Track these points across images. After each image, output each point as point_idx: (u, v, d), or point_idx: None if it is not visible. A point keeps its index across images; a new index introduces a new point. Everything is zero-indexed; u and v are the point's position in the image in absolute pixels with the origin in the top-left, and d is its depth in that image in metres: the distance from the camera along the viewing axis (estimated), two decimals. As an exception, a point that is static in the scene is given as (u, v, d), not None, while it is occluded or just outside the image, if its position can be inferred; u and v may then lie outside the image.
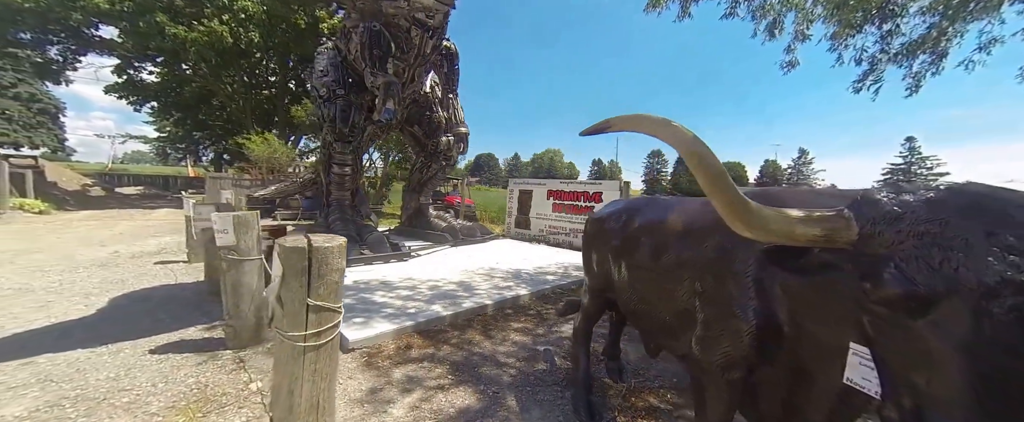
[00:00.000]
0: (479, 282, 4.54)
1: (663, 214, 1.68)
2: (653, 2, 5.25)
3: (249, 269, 2.83)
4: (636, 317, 1.84)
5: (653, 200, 2.00)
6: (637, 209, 1.91)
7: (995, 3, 4.14)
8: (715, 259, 1.29)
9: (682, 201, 1.78)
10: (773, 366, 1.15)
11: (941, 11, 4.33)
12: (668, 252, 1.53)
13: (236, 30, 12.87)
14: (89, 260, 5.58)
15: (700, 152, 0.85)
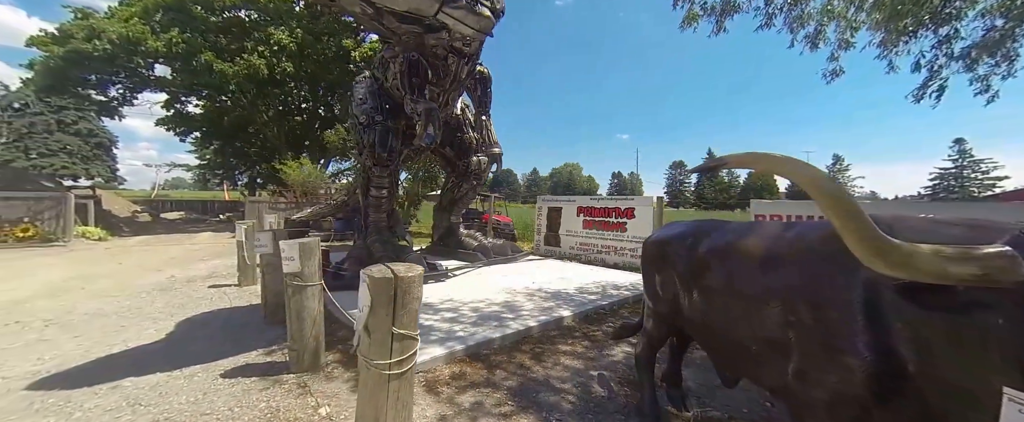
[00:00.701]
0: (520, 302, 4.54)
1: (738, 238, 1.65)
2: (688, 19, 5.30)
3: (312, 294, 2.95)
4: (713, 346, 1.80)
5: (719, 223, 1.98)
6: (704, 232, 1.89)
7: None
8: (811, 287, 1.26)
9: (757, 224, 1.75)
10: (891, 408, 1.09)
11: (1005, 13, 4.17)
12: (751, 278, 1.50)
13: (271, 62, 13.77)
14: (150, 285, 5.94)
15: (831, 190, 0.86)
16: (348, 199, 10.54)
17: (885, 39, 4.95)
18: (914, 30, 4.63)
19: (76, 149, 31.13)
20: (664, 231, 2.22)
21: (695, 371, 2.93)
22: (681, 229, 2.06)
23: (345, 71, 16.54)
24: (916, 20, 4.46)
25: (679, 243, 1.95)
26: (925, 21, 4.46)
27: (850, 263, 1.12)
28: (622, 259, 7.55)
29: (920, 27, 4.56)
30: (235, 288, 5.73)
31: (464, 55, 5.17)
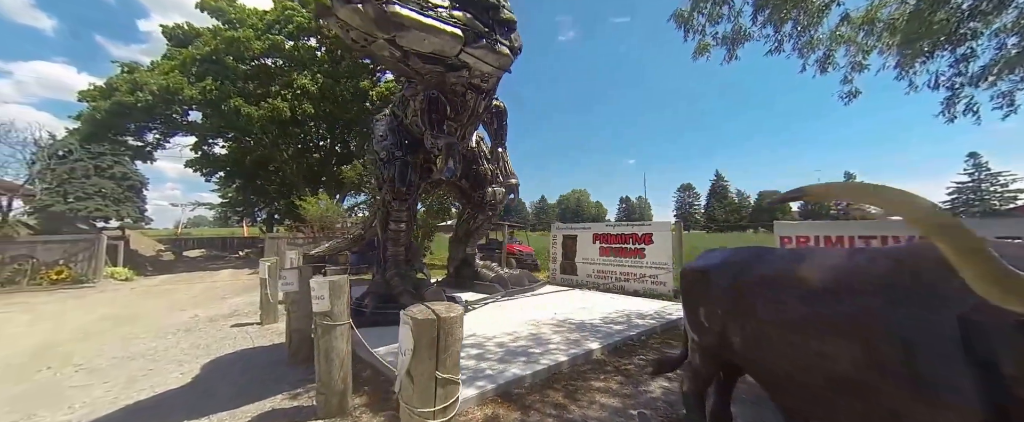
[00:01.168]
0: (546, 335, 4.40)
1: (795, 266, 1.58)
2: (700, 50, 5.44)
3: (340, 334, 2.92)
4: (774, 384, 1.68)
5: (763, 250, 1.92)
6: (752, 260, 1.82)
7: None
8: (898, 322, 1.16)
9: (811, 251, 1.68)
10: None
11: (1019, 32, 4.18)
12: (817, 312, 1.41)
13: (293, 104, 14.53)
14: (174, 325, 5.99)
15: (945, 222, 0.81)
16: (364, 232, 10.67)
17: (901, 61, 4.97)
18: (930, 51, 4.65)
19: (110, 192, 32.75)
20: (705, 259, 2.14)
21: (743, 407, 2.74)
22: (724, 257, 1.99)
23: (362, 109, 17.32)
24: (933, 42, 4.49)
25: (724, 272, 1.88)
26: (941, 42, 4.48)
27: (947, 296, 1.05)
28: (642, 286, 7.35)
29: (937, 48, 4.58)
30: (257, 327, 5.73)
31: (482, 91, 5.36)
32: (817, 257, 1.57)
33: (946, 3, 4.47)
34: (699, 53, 5.64)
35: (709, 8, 5.22)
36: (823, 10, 5.14)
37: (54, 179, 18.42)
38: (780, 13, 5.10)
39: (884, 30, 4.93)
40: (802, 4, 5.03)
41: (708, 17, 5.31)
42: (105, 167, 33.48)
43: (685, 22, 5.40)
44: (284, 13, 15.54)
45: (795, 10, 5.11)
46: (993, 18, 4.50)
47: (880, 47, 5.00)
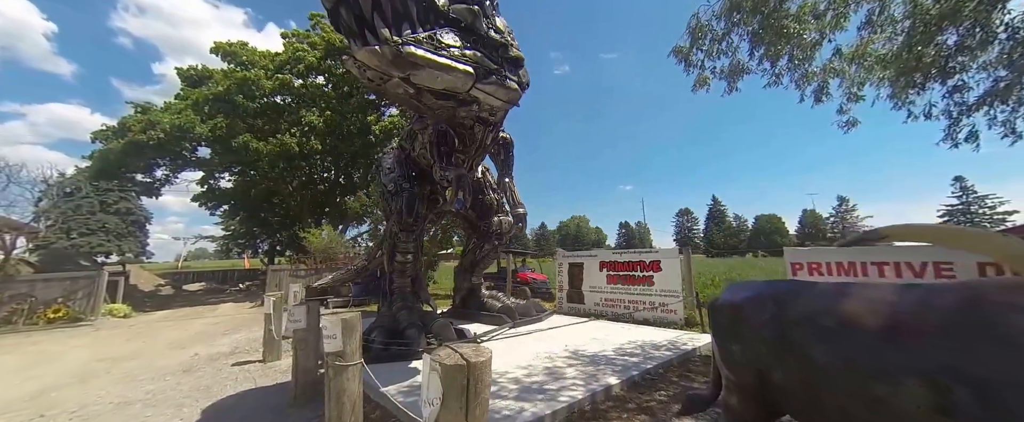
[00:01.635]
0: (560, 369, 4.25)
1: (842, 303, 1.53)
2: (699, 83, 5.65)
3: (352, 375, 2.82)
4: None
5: (802, 284, 1.87)
6: (791, 294, 1.77)
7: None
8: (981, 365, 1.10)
9: (859, 286, 1.63)
10: None
11: (1007, 65, 4.37)
12: (877, 352, 1.34)
13: (301, 140, 14.91)
14: (174, 365, 5.80)
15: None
16: (368, 264, 10.59)
17: (895, 92, 5.14)
18: (923, 83, 4.82)
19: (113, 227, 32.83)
20: (738, 293, 2.08)
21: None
22: (759, 291, 1.94)
23: (366, 143, 17.71)
24: (924, 74, 4.67)
25: (762, 307, 1.82)
26: (933, 75, 4.66)
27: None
28: (652, 314, 7.18)
29: (929, 80, 4.76)
30: (259, 365, 5.55)
31: (489, 124, 5.49)
32: (866, 292, 1.52)
33: (933, 41, 4.69)
34: (699, 86, 5.84)
35: (707, 45, 5.46)
36: (815, 46, 5.38)
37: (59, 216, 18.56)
38: (774, 49, 5.33)
39: (876, 64, 5.14)
40: (795, 40, 5.28)
41: (706, 53, 5.54)
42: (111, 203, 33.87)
43: (685, 57, 5.64)
44: (295, 54, 16.28)
45: (788, 46, 5.36)
46: (979, 53, 4.71)
47: (872, 79, 5.19)
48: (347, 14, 3.39)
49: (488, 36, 4.27)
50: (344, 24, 3.48)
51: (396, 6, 3.51)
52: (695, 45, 5.57)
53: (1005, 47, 4.66)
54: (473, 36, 4.15)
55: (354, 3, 3.35)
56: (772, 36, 5.30)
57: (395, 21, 3.51)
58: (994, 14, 4.51)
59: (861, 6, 5.13)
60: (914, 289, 1.46)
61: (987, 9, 4.39)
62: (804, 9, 5.26)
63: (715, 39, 5.42)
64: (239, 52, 16.07)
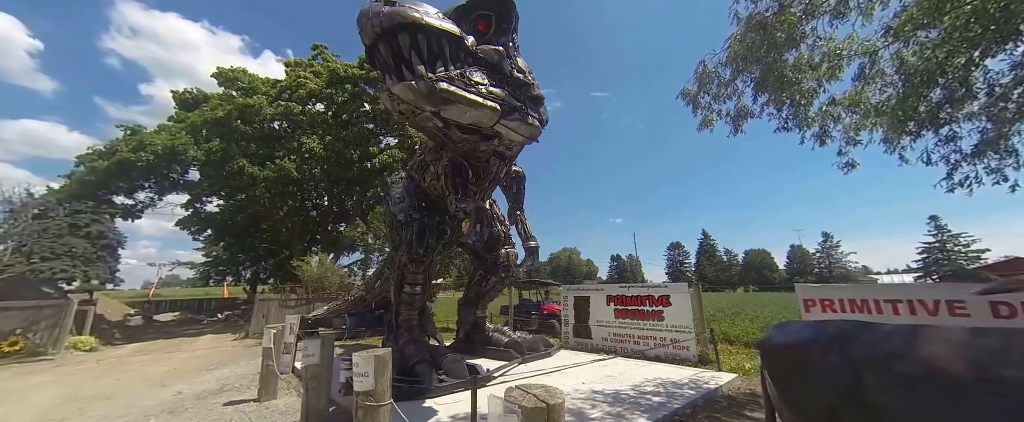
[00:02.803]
0: (584, 409, 4.07)
1: (916, 346, 1.53)
2: (705, 123, 5.93)
3: (384, 415, 2.64)
4: None
5: (863, 325, 1.86)
6: (856, 337, 1.76)
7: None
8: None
9: (931, 330, 1.62)
10: None
11: (990, 117, 4.75)
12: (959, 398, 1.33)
13: (301, 166, 14.81)
14: (156, 405, 5.33)
15: None
16: (366, 294, 10.23)
17: (888, 138, 5.50)
18: (917, 131, 5.18)
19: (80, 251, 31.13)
20: (793, 334, 2.05)
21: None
22: (818, 332, 1.93)
23: (364, 171, 17.69)
24: (918, 125, 5.04)
25: (825, 350, 1.80)
26: (925, 123, 5.03)
27: None
28: (664, 351, 7.04)
29: (922, 129, 5.12)
30: (255, 405, 5.14)
31: (506, 158, 5.59)
32: (941, 336, 1.53)
33: (921, 95, 5.09)
34: (704, 126, 6.13)
35: (714, 89, 5.80)
36: (813, 93, 5.77)
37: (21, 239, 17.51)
38: (777, 96, 5.69)
39: (870, 112, 5.52)
40: (795, 88, 5.66)
41: (713, 96, 5.88)
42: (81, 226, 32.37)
43: (692, 99, 5.96)
44: (296, 80, 16.55)
45: (787, 93, 5.73)
46: (963, 106, 5.12)
47: (868, 126, 5.56)
48: (385, 50, 3.51)
49: (512, 75, 4.45)
50: (381, 59, 3.59)
51: (432, 45, 3.65)
52: (702, 89, 5.92)
53: (985, 102, 5.08)
54: (499, 75, 4.32)
55: (393, 41, 3.48)
56: (774, 84, 5.69)
57: (429, 59, 3.63)
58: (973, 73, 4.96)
59: (853, 60, 5.59)
60: (989, 333, 1.48)
61: (967, 67, 4.83)
62: (800, 60, 5.69)
63: (722, 84, 5.78)
64: (240, 77, 16.25)
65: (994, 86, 4.99)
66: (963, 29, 4.52)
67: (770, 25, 5.49)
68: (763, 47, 5.56)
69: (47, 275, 27.84)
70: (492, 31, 4.47)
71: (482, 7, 4.35)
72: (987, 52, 4.70)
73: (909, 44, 5.19)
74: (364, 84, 16.76)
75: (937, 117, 4.93)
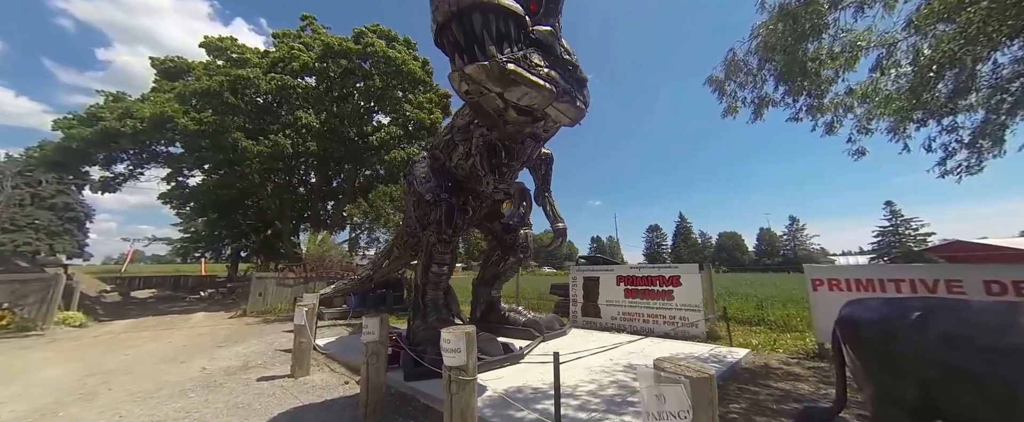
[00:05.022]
0: (627, 383, 4.34)
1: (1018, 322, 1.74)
2: (730, 110, 6.11)
3: (472, 391, 2.77)
4: None
5: (955, 301, 2.04)
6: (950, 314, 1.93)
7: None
8: None
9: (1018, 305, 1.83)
10: None
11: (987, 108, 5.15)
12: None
13: (296, 140, 14.24)
14: (186, 381, 5.29)
15: None
16: (373, 273, 10.20)
17: (894, 126, 5.85)
18: (923, 120, 5.54)
19: (45, 223, 29.13)
20: (876, 311, 2.21)
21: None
22: (904, 307, 2.10)
23: (358, 147, 17.19)
24: (925, 113, 5.39)
25: (916, 327, 1.99)
26: (930, 113, 5.39)
27: None
28: (672, 328, 7.46)
29: (928, 118, 5.48)
30: (290, 380, 5.18)
31: (541, 139, 5.62)
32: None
33: (931, 86, 5.41)
34: (729, 113, 6.32)
35: (741, 77, 5.96)
36: (830, 82, 6.02)
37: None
38: (797, 85, 5.91)
39: (882, 102, 5.83)
40: (813, 77, 5.88)
41: (739, 84, 6.03)
42: (45, 197, 30.19)
43: (719, 86, 6.10)
44: (289, 52, 15.65)
45: (807, 82, 5.96)
46: (969, 96, 5.49)
47: (878, 114, 5.88)
48: (458, 30, 3.43)
49: (562, 57, 4.44)
50: (451, 39, 3.51)
51: (500, 26, 3.60)
52: (730, 77, 6.06)
53: (986, 93, 5.47)
54: (551, 56, 4.30)
55: (467, 20, 3.40)
56: (796, 73, 5.89)
57: (497, 40, 3.58)
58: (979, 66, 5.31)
59: (871, 51, 5.84)
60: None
61: (976, 60, 5.16)
62: (821, 49, 5.90)
63: (750, 73, 5.93)
64: (231, 48, 15.22)
65: (998, 79, 5.37)
66: (982, 24, 4.79)
67: (799, 15, 5.64)
68: (789, 36, 5.72)
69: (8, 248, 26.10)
70: (542, 11, 4.41)
71: (535, -15, 4.26)
72: (998, 45, 5.04)
73: (927, 37, 5.47)
74: (359, 59, 16.03)
75: (943, 107, 5.29)
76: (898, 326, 2.08)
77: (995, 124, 5.43)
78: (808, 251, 68.26)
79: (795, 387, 4.41)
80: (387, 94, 16.42)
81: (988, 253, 21.73)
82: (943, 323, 1.95)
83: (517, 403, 3.73)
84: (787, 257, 66.89)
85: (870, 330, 2.20)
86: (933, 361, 1.90)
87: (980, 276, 4.77)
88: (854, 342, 2.29)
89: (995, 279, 4.68)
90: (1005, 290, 4.58)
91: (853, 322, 2.32)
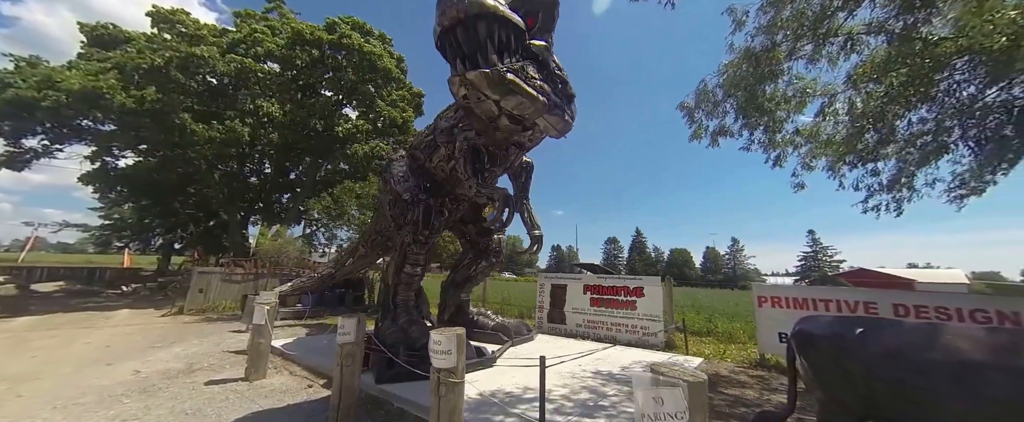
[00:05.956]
0: (598, 388, 4.52)
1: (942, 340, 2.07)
2: (695, 134, 6.69)
3: (460, 393, 2.78)
4: None
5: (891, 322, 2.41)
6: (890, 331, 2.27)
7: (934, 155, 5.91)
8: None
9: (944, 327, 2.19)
10: None
11: (900, 159, 6.08)
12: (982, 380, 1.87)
13: (256, 131, 13.23)
14: (116, 385, 4.73)
15: None
16: (335, 272, 9.73)
17: (832, 166, 6.69)
18: (854, 163, 6.39)
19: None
20: (828, 327, 2.53)
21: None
22: (851, 324, 2.44)
23: (323, 139, 16.30)
24: (854, 157, 6.24)
25: (862, 340, 2.29)
26: (861, 158, 6.24)
27: None
28: (634, 336, 7.85)
29: (857, 162, 6.34)
30: (244, 384, 4.81)
31: (525, 148, 5.77)
32: (964, 333, 2.11)
33: (861, 135, 6.28)
34: (694, 137, 6.89)
35: (708, 107, 6.54)
36: (781, 122, 6.77)
37: None
38: (753, 120, 6.60)
39: (823, 143, 6.66)
40: (769, 114, 6.60)
41: (706, 113, 6.61)
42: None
43: (689, 112, 6.65)
44: (251, 35, 14.61)
45: (763, 118, 6.67)
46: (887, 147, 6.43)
47: (819, 155, 6.70)
48: (463, 36, 3.49)
49: (554, 72, 4.64)
50: (453, 45, 3.56)
51: (501, 36, 3.71)
52: (699, 105, 6.62)
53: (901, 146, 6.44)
54: (545, 70, 4.48)
55: (472, 28, 3.47)
56: (752, 109, 6.58)
57: (498, 49, 3.69)
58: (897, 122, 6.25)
59: (816, 98, 6.67)
60: (1000, 332, 2.08)
61: (896, 115, 6.08)
62: (777, 92, 6.65)
63: (715, 103, 6.53)
64: (183, 22, 13.90)
65: (910, 134, 6.35)
66: (901, 87, 5.67)
67: (761, 58, 6.32)
68: (751, 76, 6.39)
69: None
70: (538, 26, 4.60)
71: (533, 2, 4.44)
72: (912, 107, 5.98)
73: (861, 92, 6.35)
74: (332, 50, 15.35)
75: (869, 154, 6.16)
76: (847, 340, 2.40)
77: (906, 173, 6.40)
78: (745, 270, 74.39)
79: (743, 393, 4.85)
80: (359, 89, 15.82)
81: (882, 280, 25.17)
82: (882, 339, 2.29)
83: (494, 407, 3.77)
84: (727, 275, 72.41)
85: (823, 343, 2.51)
86: (874, 371, 2.23)
87: (890, 300, 5.58)
88: (808, 353, 2.60)
89: (900, 303, 5.50)
90: (908, 312, 5.38)
91: (808, 336, 2.62)
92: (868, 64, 5.96)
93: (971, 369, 1.94)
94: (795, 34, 6.01)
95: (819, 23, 5.88)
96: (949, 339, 2.10)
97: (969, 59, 5.20)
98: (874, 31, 5.94)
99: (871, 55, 6.00)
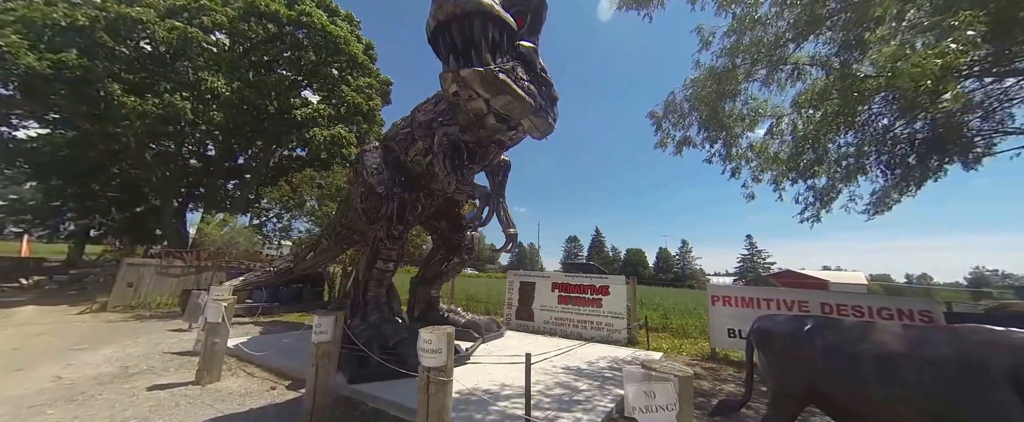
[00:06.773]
0: (570, 383, 4.70)
1: (872, 336, 2.43)
2: (661, 143, 7.12)
3: (449, 392, 2.79)
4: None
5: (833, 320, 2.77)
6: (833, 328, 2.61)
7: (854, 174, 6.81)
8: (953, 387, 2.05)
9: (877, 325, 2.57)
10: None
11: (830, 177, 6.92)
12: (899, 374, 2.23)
13: (198, 107, 11.94)
14: (35, 394, 4.15)
15: None
16: (293, 266, 9.15)
17: (776, 179, 7.42)
18: (794, 178, 7.15)
19: None
20: (782, 325, 2.87)
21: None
22: (802, 324, 2.77)
23: (278, 121, 15.14)
24: (795, 173, 6.99)
25: (811, 338, 2.65)
26: (799, 174, 7.01)
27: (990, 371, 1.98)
28: (599, 333, 8.21)
29: (797, 178, 7.11)
30: (196, 388, 4.42)
31: (504, 146, 5.80)
32: (889, 329, 2.48)
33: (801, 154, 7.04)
34: (660, 145, 7.32)
35: (674, 118, 6.98)
36: (737, 137, 7.40)
37: None
38: (713, 134, 7.16)
39: (770, 158, 7.38)
40: (727, 129, 7.19)
41: (672, 123, 7.06)
42: None
43: (657, 121, 7.05)
44: (197, 2, 13.15)
45: (722, 133, 7.25)
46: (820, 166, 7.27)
47: (765, 169, 7.42)
48: (458, 33, 3.44)
49: (540, 75, 4.72)
50: (447, 42, 3.49)
51: (494, 35, 3.71)
52: (667, 115, 7.05)
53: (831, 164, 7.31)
54: (532, 72, 4.54)
55: (468, 25, 3.43)
56: (714, 124, 7.13)
57: (491, 48, 3.69)
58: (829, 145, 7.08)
59: (766, 119, 7.37)
60: (913, 328, 2.48)
61: (830, 137, 6.89)
62: (735, 109, 7.25)
63: (682, 115, 6.98)
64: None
65: (838, 156, 7.24)
66: (833, 114, 6.42)
67: (723, 77, 6.85)
68: (714, 93, 6.92)
69: None
70: (526, 28, 4.64)
71: (522, 3, 4.47)
72: (840, 132, 6.80)
73: (802, 116, 7.10)
74: (292, 27, 14.28)
75: (806, 171, 6.96)
76: (798, 336, 2.75)
77: (834, 189, 7.27)
78: (693, 270, 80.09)
79: (698, 384, 5.28)
80: (320, 71, 14.85)
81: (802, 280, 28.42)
82: (826, 335, 2.64)
83: (475, 403, 3.81)
84: (677, 274, 77.53)
85: (779, 339, 2.85)
86: (818, 361, 2.58)
87: (818, 300, 6.37)
88: (765, 347, 2.93)
89: (826, 302, 6.29)
90: (832, 309, 6.17)
91: (766, 332, 2.96)
92: (810, 91, 6.68)
93: (889, 358, 2.31)
94: (752, 58, 6.61)
95: (773, 51, 6.51)
96: (876, 334, 2.48)
97: (885, 95, 6.05)
98: (817, 63, 6.70)
99: (813, 84, 6.76)
